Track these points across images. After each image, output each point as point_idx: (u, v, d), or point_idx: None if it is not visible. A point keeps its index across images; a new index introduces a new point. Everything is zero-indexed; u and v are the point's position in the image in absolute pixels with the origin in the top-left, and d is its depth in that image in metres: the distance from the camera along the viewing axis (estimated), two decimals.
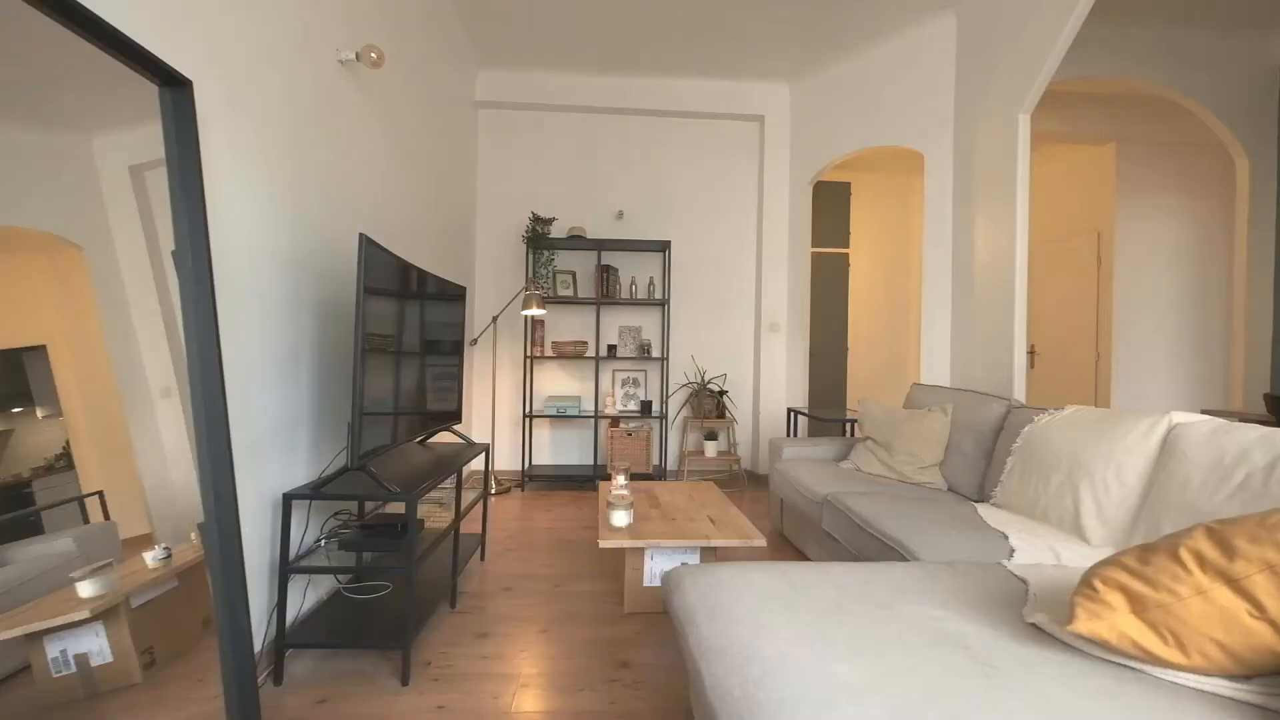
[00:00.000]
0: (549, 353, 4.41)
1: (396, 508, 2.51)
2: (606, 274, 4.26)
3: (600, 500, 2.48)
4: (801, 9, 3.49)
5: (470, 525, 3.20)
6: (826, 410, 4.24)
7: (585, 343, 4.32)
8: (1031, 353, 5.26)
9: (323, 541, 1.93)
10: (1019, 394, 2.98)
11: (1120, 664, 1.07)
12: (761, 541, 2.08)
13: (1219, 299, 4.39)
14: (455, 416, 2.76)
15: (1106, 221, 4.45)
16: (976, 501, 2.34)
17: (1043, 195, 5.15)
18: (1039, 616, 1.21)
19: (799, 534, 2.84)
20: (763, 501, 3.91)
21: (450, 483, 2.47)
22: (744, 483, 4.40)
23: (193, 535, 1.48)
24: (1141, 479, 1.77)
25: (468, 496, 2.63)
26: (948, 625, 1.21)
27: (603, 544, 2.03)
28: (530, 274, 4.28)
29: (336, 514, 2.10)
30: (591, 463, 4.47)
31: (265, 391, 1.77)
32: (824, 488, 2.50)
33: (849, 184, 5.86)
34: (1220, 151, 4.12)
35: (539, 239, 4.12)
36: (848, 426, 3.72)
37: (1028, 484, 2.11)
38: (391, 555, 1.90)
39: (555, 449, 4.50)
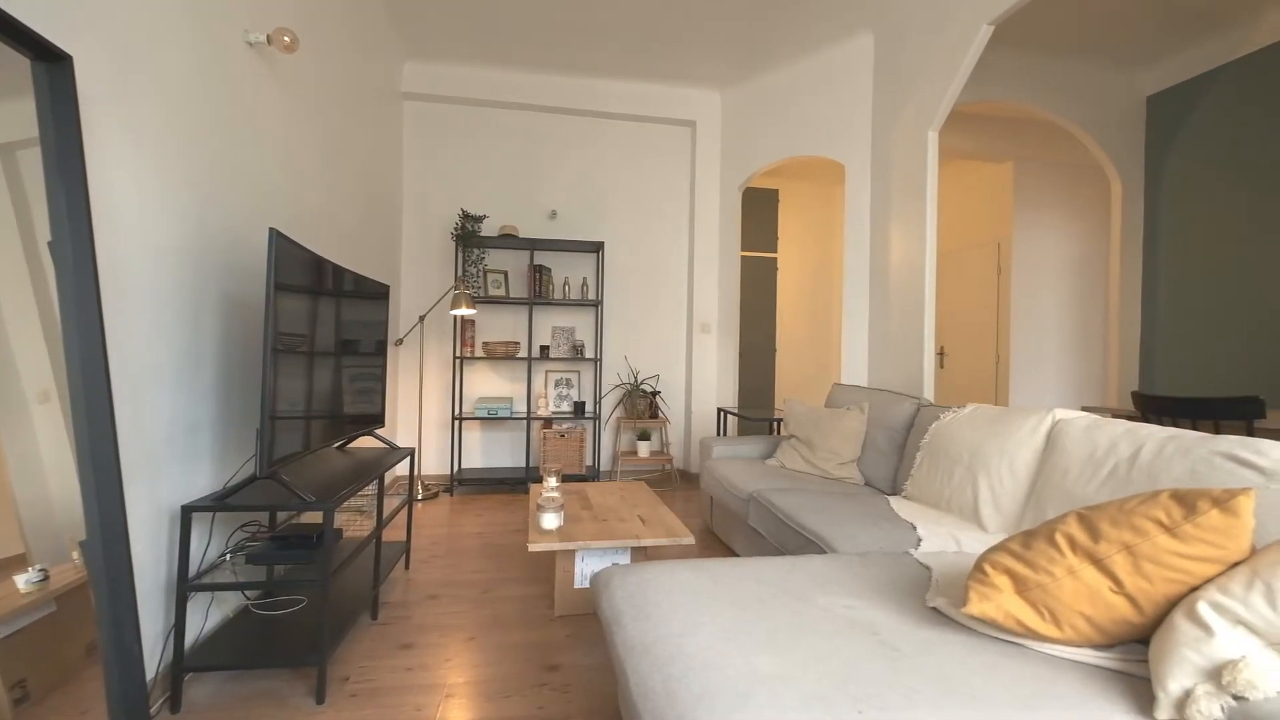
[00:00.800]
0: (479, 353, 4.31)
1: (313, 517, 2.38)
2: (539, 274, 4.22)
3: (531, 503, 2.45)
4: (731, 22, 3.58)
5: (395, 533, 3.08)
6: (755, 410, 4.38)
7: (517, 343, 4.25)
8: (941, 354, 5.64)
9: (228, 556, 1.81)
10: (928, 393, 3.19)
11: (1007, 640, 1.17)
12: (690, 539, 2.13)
13: (1099, 306, 4.87)
14: (378, 420, 2.65)
15: (1005, 233, 4.85)
16: (889, 494, 2.49)
17: (951, 208, 5.54)
18: (939, 601, 1.31)
19: (728, 530, 2.92)
20: (695, 500, 3.99)
21: (372, 489, 2.37)
22: (676, 482, 4.47)
23: (74, 554, 1.35)
24: (1030, 470, 1.95)
25: (392, 503, 2.53)
26: (859, 613, 1.28)
27: (532, 547, 2.01)
28: (460, 273, 4.17)
29: (244, 526, 1.97)
30: (524, 465, 4.41)
31: (161, 396, 1.64)
32: (750, 485, 2.59)
33: (777, 191, 6.07)
34: (1100, 173, 4.58)
35: (469, 237, 4.02)
36: (775, 425, 3.85)
37: (934, 477, 2.27)
38: (306, 567, 1.80)
39: (486, 452, 4.41)
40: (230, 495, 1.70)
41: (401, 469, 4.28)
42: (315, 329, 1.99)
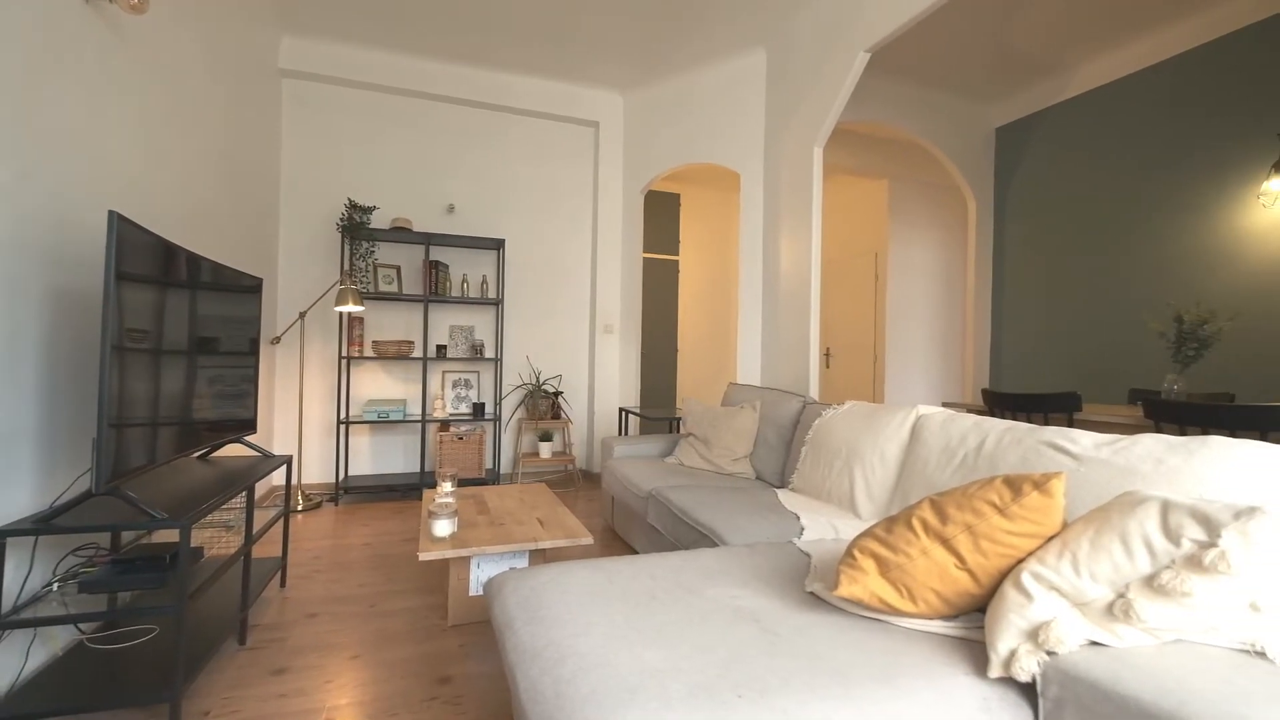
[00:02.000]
0: (369, 353, 4.06)
1: (170, 536, 2.13)
2: (435, 270, 4.04)
3: (423, 509, 2.34)
4: (631, 26, 3.63)
5: (270, 549, 2.83)
6: (658, 409, 4.47)
7: (411, 342, 4.05)
8: (827, 355, 6.06)
9: (55, 585, 1.57)
10: (814, 392, 3.42)
11: (873, 618, 1.28)
12: (589, 539, 2.13)
13: (959, 313, 5.45)
14: (249, 426, 2.42)
15: (882, 245, 5.29)
16: (778, 488, 2.64)
17: (834, 219, 5.96)
18: (816, 585, 1.41)
19: (628, 529, 2.96)
20: (597, 500, 4.00)
21: (241, 502, 2.15)
22: (579, 482, 4.46)
23: None
24: (897, 461, 2.14)
25: (265, 516, 2.32)
26: (744, 602, 1.35)
27: (423, 556, 1.92)
28: (347, 267, 3.90)
29: (78, 550, 1.72)
30: (418, 470, 4.21)
31: None
32: (649, 483, 2.64)
33: (679, 195, 6.23)
34: (960, 193, 5.13)
35: (357, 229, 3.76)
36: (675, 424, 3.96)
37: (817, 470, 2.43)
38: (157, 592, 1.61)
39: (377, 457, 4.16)
40: (58, 515, 1.48)
41: (279, 478, 3.94)
42: (167, 325, 1.77)
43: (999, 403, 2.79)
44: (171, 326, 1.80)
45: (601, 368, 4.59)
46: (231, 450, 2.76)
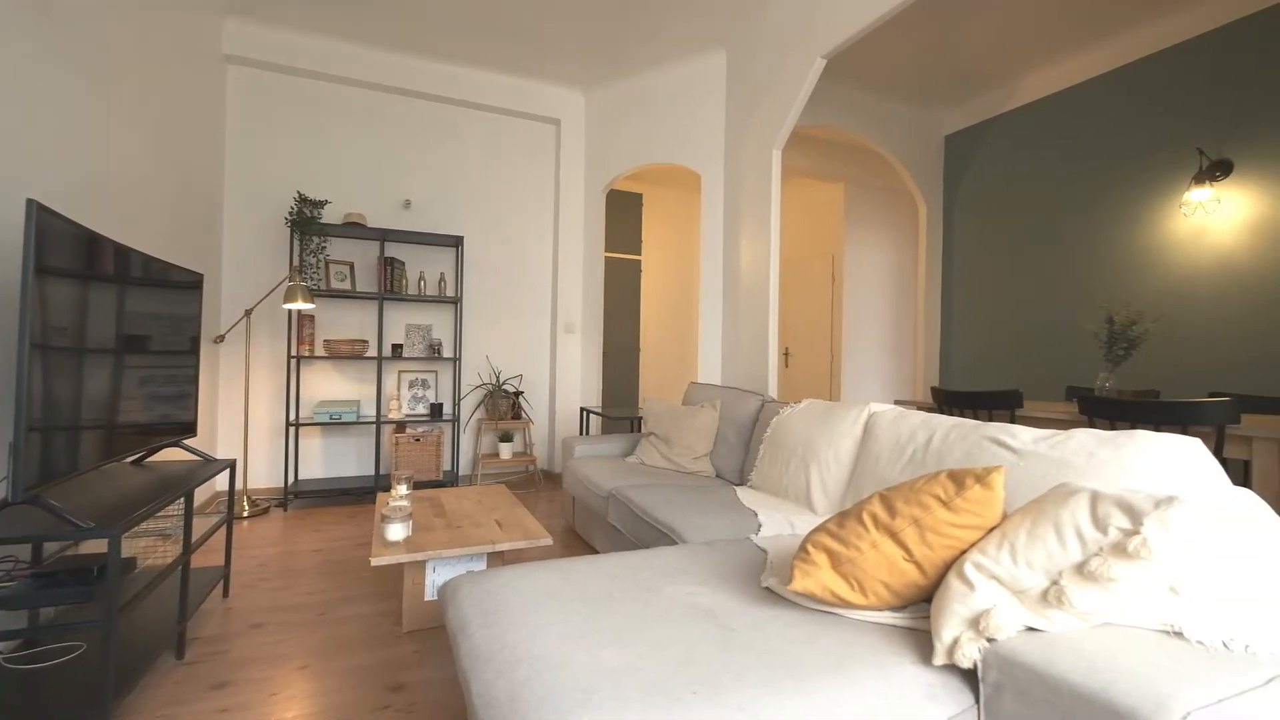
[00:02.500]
0: (321, 352, 3.92)
1: (99, 546, 2.01)
2: (391, 267, 3.93)
3: (376, 514, 2.28)
4: (592, 23, 3.62)
5: (212, 557, 2.71)
6: (620, 409, 4.46)
7: (365, 341, 3.93)
8: (786, 354, 6.17)
9: None
10: (773, 390, 3.48)
11: (826, 611, 1.31)
12: (548, 540, 2.11)
13: (912, 313, 5.64)
14: (188, 429, 2.30)
15: (839, 247, 5.42)
16: (737, 485, 2.67)
17: (793, 220, 6.08)
18: (771, 581, 1.43)
19: (589, 529, 2.94)
20: (558, 500, 3.97)
21: (178, 509, 2.05)
22: (540, 483, 4.42)
23: None
24: (851, 457, 2.20)
25: (207, 523, 2.21)
26: (701, 599, 1.36)
27: (375, 561, 1.87)
28: (297, 263, 3.76)
29: None
30: (373, 473, 4.09)
31: None
32: (610, 482, 2.63)
33: (641, 195, 6.24)
34: (912, 198, 5.29)
35: (308, 223, 3.63)
36: (636, 423, 3.96)
37: (774, 467, 2.47)
38: (84, 607, 1.52)
39: (329, 460, 4.02)
40: None
41: (222, 483, 3.77)
42: (95, 323, 1.67)
43: (947, 400, 2.90)
44: (99, 324, 1.70)
45: (563, 367, 4.56)
46: (170, 454, 2.63)
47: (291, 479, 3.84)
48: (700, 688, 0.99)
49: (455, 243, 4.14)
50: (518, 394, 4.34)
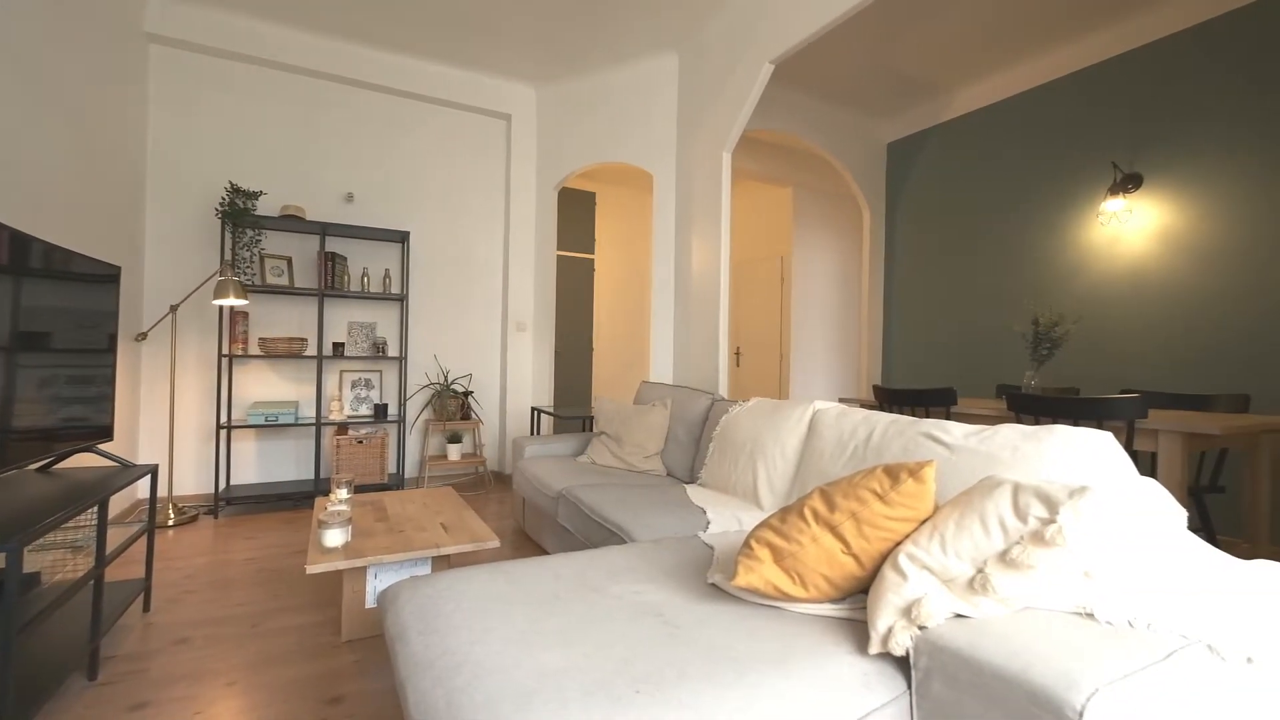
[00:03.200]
0: (255, 351, 3.73)
1: None
2: (332, 262, 3.78)
3: (314, 519, 2.18)
4: (543, 19, 3.57)
5: (131, 569, 2.54)
6: (572, 408, 4.43)
7: (305, 340, 3.76)
8: (737, 354, 6.27)
9: None
10: (723, 389, 3.53)
11: (769, 605, 1.33)
12: (495, 542, 2.07)
13: (856, 313, 5.82)
14: (104, 433, 2.15)
15: (787, 249, 5.55)
16: (687, 483, 2.69)
17: (743, 222, 6.18)
18: (717, 577, 1.45)
19: (539, 530, 2.91)
20: (508, 502, 3.91)
21: (91, 518, 1.90)
22: (490, 484, 4.34)
23: None
24: (797, 454, 2.25)
25: (125, 533, 2.06)
26: (648, 597, 1.36)
27: (311, 569, 1.79)
28: (229, 256, 3.56)
29: None
30: (313, 477, 3.92)
31: None
32: (560, 482, 2.61)
33: (594, 194, 6.21)
34: (856, 203, 5.47)
35: (241, 215, 3.44)
36: (588, 423, 3.94)
37: (723, 464, 2.50)
38: None
39: (264, 464, 3.83)
40: None
41: (144, 490, 3.54)
42: None
43: (887, 398, 3.01)
44: None
45: (514, 366, 4.49)
46: (86, 460, 2.45)
47: (223, 484, 3.64)
48: (643, 686, 0.99)
49: (401, 238, 4.01)
50: (467, 394, 4.25)
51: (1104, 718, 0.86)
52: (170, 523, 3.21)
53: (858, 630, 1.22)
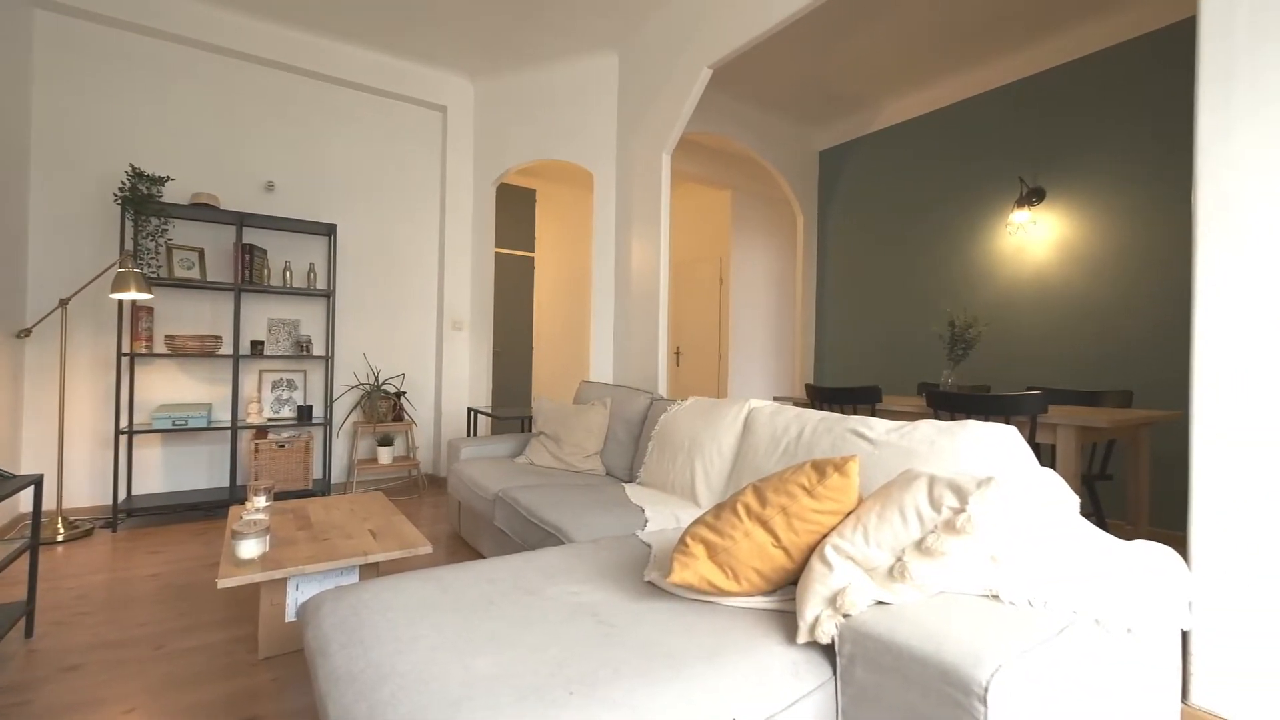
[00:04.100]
0: (161, 349, 3.46)
1: None
2: (250, 255, 3.55)
3: (227, 529, 2.04)
4: (480, 10, 3.49)
5: (11, 590, 2.29)
6: (511, 409, 4.35)
7: (219, 337, 3.51)
8: (678, 353, 6.35)
9: None
10: (663, 388, 3.56)
11: (703, 601, 1.36)
12: (427, 548, 2.01)
13: (791, 315, 6.02)
14: None
15: (725, 251, 5.67)
16: (627, 482, 2.70)
17: (683, 223, 6.26)
18: (653, 575, 1.46)
19: (476, 534, 2.84)
20: (444, 505, 3.79)
21: None
22: (424, 488, 4.20)
23: None
24: (733, 451, 2.30)
25: (3, 551, 1.86)
26: (584, 598, 1.36)
27: (222, 583, 1.67)
28: (130, 247, 3.28)
29: None
30: (228, 484, 3.67)
31: None
32: (497, 484, 2.56)
33: (534, 191, 6.12)
34: (791, 207, 5.65)
35: (144, 202, 3.17)
36: (527, 423, 3.88)
37: (662, 463, 2.53)
38: None
39: (173, 472, 3.55)
40: None
41: (26, 502, 3.20)
42: None
43: (818, 396, 3.12)
44: None
45: (450, 366, 4.36)
46: None
47: (123, 495, 3.35)
48: (577, 687, 0.98)
49: (327, 231, 3.82)
50: (399, 394, 4.09)
51: (1007, 690, 0.92)
52: (59, 538, 2.92)
53: (788, 621, 1.27)
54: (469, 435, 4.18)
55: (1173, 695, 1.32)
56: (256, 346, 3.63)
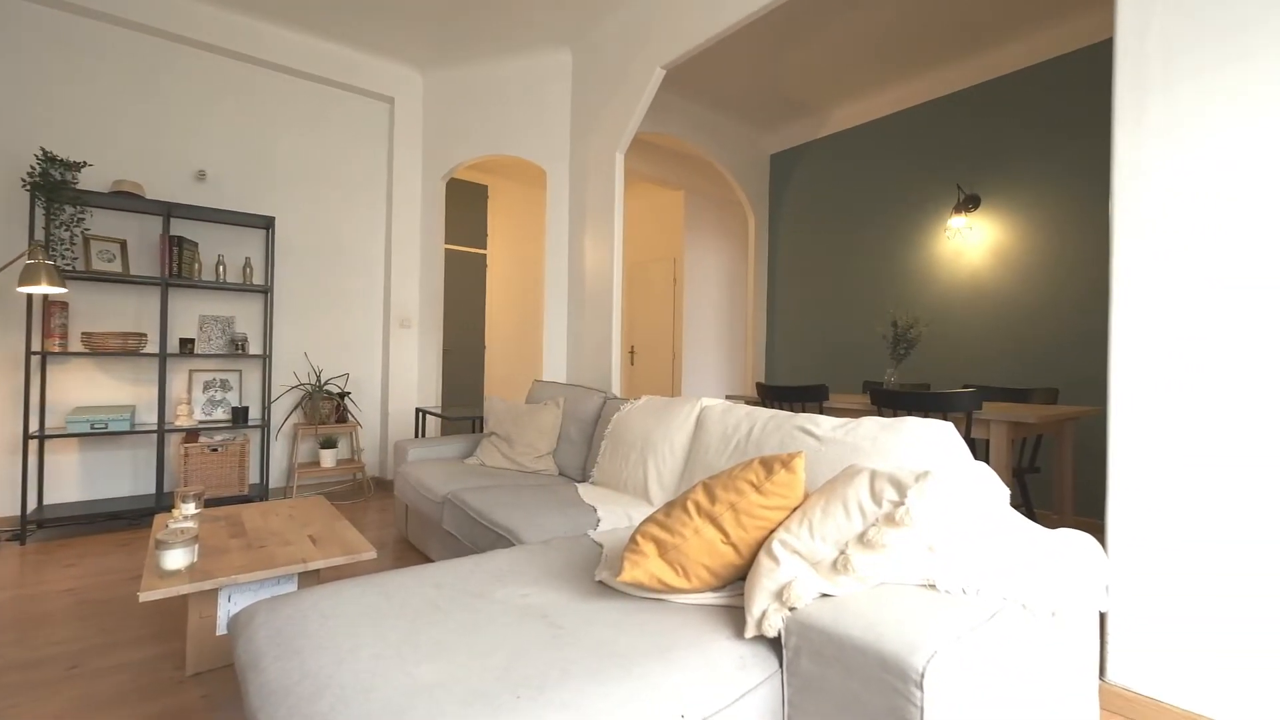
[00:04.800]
0: (78, 347, 3.22)
1: None
2: (179, 248, 3.34)
3: (152, 539, 1.92)
4: (430, 2, 3.40)
5: None
6: (461, 409, 4.26)
7: (143, 335, 3.29)
8: (632, 353, 6.36)
9: None
10: (616, 388, 3.55)
11: (654, 599, 1.36)
12: (371, 553, 1.94)
13: (743, 314, 6.12)
14: None
15: (679, 251, 5.71)
16: (580, 482, 2.68)
17: (637, 223, 6.28)
18: (604, 574, 1.45)
19: (424, 538, 2.77)
20: (391, 509, 3.68)
21: None
22: (370, 491, 4.06)
23: None
24: (685, 449, 2.31)
25: None
26: (533, 600, 1.34)
27: (145, 596, 1.57)
28: (41, 237, 3.03)
29: None
30: (154, 491, 3.45)
31: None
32: (445, 486, 2.50)
33: (487, 187, 6.01)
34: (743, 209, 5.75)
35: (57, 189, 2.94)
36: (478, 423, 3.81)
37: (615, 462, 2.52)
38: None
39: (92, 479, 3.31)
40: None
41: None
42: None
43: (768, 394, 3.19)
44: None
45: (397, 365, 4.23)
46: None
47: (33, 504, 3.10)
48: (525, 690, 0.97)
49: (265, 224, 3.64)
50: (343, 395, 3.94)
51: (942, 675, 0.96)
52: None
53: (737, 616, 1.28)
54: (417, 436, 4.07)
55: (1091, 672, 1.41)
56: (186, 345, 3.43)
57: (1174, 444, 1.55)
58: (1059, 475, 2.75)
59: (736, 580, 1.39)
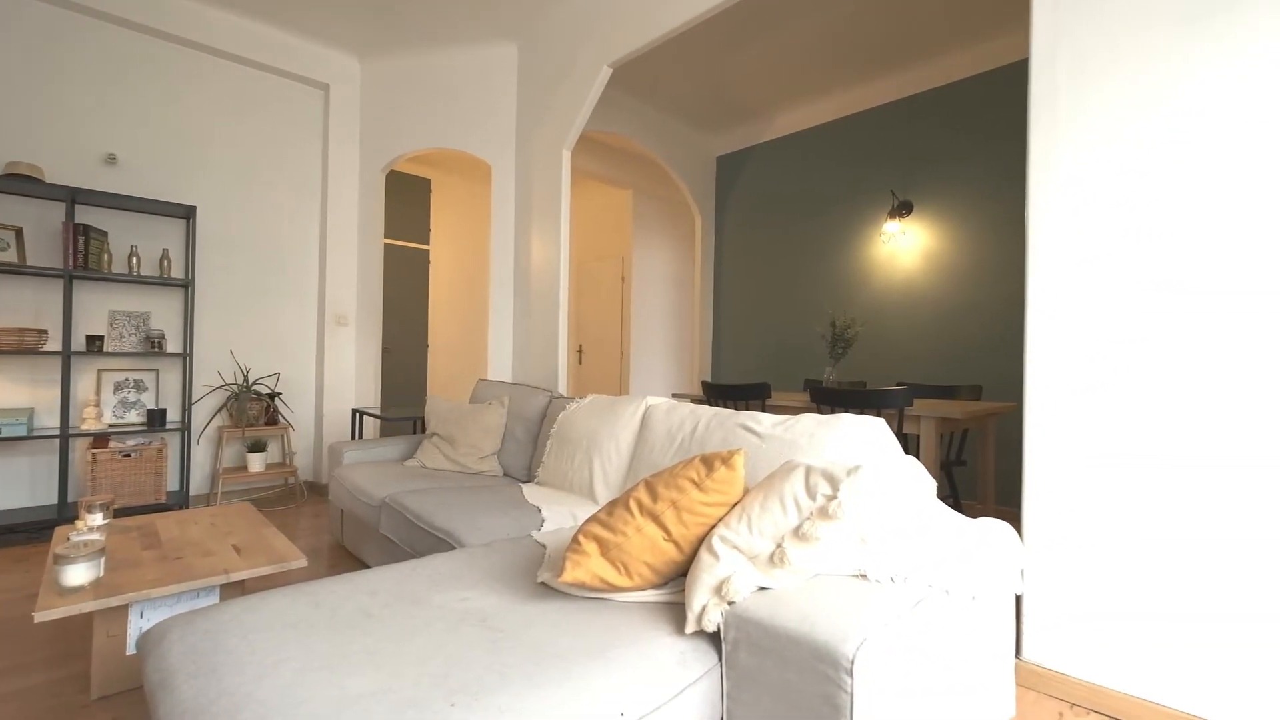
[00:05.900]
0: None
1: None
2: (85, 237, 3.09)
3: (50, 553, 1.76)
4: None
5: None
6: (402, 410, 4.11)
7: (44, 331, 3.02)
8: (580, 351, 6.33)
9: None
10: (563, 387, 3.52)
11: (596, 598, 1.36)
12: (302, 561, 1.85)
13: (690, 314, 6.19)
14: None
15: (627, 250, 5.72)
16: (524, 482, 2.65)
17: (585, 221, 6.25)
18: (546, 575, 1.44)
19: (360, 544, 2.66)
20: (325, 515, 3.52)
21: None
22: (303, 496, 3.87)
23: None
24: (630, 448, 2.32)
25: None
26: (472, 604, 1.31)
27: (41, 616, 1.44)
28: None
29: None
30: (56, 502, 3.18)
31: None
32: (383, 490, 2.41)
33: (429, 181, 5.84)
34: (689, 209, 5.80)
35: None
36: (419, 424, 3.69)
37: (560, 462, 2.50)
38: None
39: None
40: None
41: None
42: None
43: (713, 392, 3.24)
44: None
45: (333, 365, 4.05)
46: None
47: None
48: (460, 697, 0.95)
49: (186, 213, 3.41)
50: (273, 395, 3.74)
51: (871, 661, 1.00)
52: None
53: (678, 613, 1.30)
54: (354, 438, 3.91)
55: (1008, 651, 1.50)
56: (94, 342, 3.17)
57: (1083, 438, 1.68)
58: (983, 468, 2.92)
59: (678, 577, 1.40)
